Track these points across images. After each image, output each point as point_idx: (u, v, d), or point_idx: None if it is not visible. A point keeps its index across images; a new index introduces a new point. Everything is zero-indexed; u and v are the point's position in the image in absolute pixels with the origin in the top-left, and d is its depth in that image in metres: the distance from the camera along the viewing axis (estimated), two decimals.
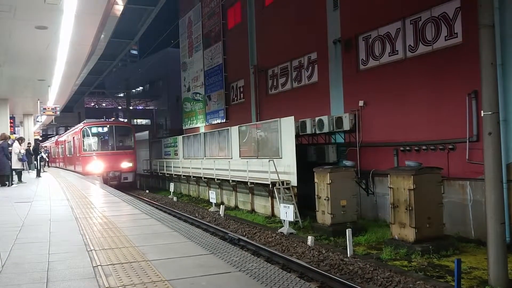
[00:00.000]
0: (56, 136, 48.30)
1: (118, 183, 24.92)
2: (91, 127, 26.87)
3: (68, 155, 33.02)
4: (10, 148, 16.40)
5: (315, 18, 17.46)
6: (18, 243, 5.81)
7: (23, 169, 18.55)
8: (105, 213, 8.28)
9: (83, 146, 26.14)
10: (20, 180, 17.38)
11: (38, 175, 22.04)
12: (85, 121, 29.74)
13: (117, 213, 8.41)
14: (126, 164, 26.22)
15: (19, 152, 16.77)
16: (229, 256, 4.68)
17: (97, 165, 25.33)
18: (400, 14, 13.51)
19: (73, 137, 29.10)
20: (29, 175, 22.15)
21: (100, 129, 26.95)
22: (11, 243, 5.75)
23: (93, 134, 26.71)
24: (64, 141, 35.54)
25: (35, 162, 23.13)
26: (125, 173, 26.29)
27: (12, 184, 16.08)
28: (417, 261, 9.38)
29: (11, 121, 26.82)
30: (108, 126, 27.31)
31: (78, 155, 26.98)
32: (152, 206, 15.16)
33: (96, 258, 4.76)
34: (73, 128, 32.77)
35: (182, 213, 16.84)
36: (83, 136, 26.20)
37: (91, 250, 5.12)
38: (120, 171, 26.08)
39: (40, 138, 46.69)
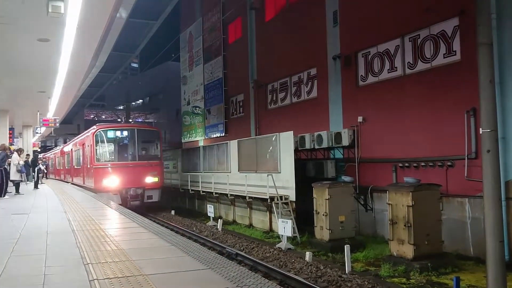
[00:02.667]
0: (61, 145, 43.13)
1: (140, 203, 20.38)
2: (107, 130, 21.03)
3: (75, 167, 27.76)
4: (9, 160, 16.38)
5: (315, 34, 17.62)
6: (14, 255, 5.76)
7: (21, 181, 18.49)
8: (102, 226, 8.23)
9: (96, 155, 20.68)
10: (17, 191, 17.31)
11: (36, 186, 21.96)
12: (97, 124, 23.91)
13: (114, 226, 8.36)
14: (151, 179, 20.82)
15: (18, 163, 16.74)
16: (227, 271, 4.64)
17: (114, 180, 19.93)
18: (399, 31, 13.64)
19: (83, 144, 23.70)
20: (27, 186, 22.07)
21: (118, 134, 21.19)
22: (7, 255, 5.70)
23: (109, 140, 21.03)
24: (71, 150, 29.86)
25: (33, 173, 23.06)
26: (149, 190, 20.81)
27: (5, 195, 15.89)
28: (415, 278, 9.32)
29: (10, 132, 26.83)
30: (128, 130, 21.63)
31: (89, 166, 21.59)
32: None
33: (92, 271, 4.72)
34: (83, 133, 26.65)
35: (180, 227, 16.74)
36: (96, 143, 20.58)
37: (88, 264, 5.08)
38: (143, 187, 20.58)
39: (39, 150, 46.60)
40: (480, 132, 7.89)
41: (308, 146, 16.12)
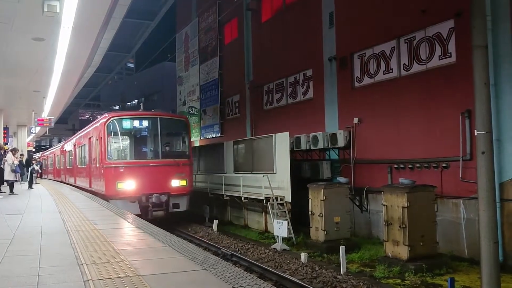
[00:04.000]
0: (61, 142, 37.14)
1: (165, 214, 15.93)
2: (121, 120, 16.40)
3: (79, 166, 23.06)
4: (5, 159, 16.30)
5: (311, 35, 17.65)
6: (8, 256, 5.73)
7: (16, 181, 18.38)
8: (97, 226, 8.19)
9: (108, 151, 16.06)
10: (11, 191, 17.21)
11: (30, 186, 21.84)
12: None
13: (109, 226, 8.33)
14: (177, 182, 16.28)
15: (12, 163, 16.64)
16: (222, 272, 4.63)
17: (131, 183, 15.51)
18: (395, 33, 13.69)
19: (90, 138, 19.01)
20: (21, 186, 21.95)
21: (136, 124, 16.63)
22: (1, 256, 5.67)
23: (125, 132, 16.65)
24: (74, 146, 24.87)
25: (27, 173, 22.93)
26: (176, 197, 16.25)
27: None
28: (410, 279, 9.34)
29: (5, 131, 26.71)
30: (149, 118, 16.92)
31: (98, 165, 17.04)
32: None
33: (87, 272, 4.69)
34: (89, 125, 21.21)
35: (175, 227, 16.70)
36: (108, 135, 16.03)
37: (82, 264, 5.06)
38: (168, 193, 16.04)
39: (34, 150, 46.37)
40: (475, 134, 7.94)
41: (303, 147, 16.14)
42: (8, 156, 16.72)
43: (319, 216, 12.36)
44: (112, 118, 16.34)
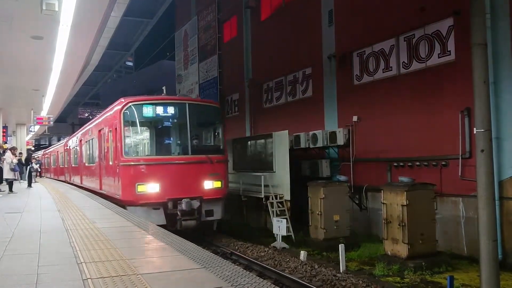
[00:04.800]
0: (65, 138, 33.48)
1: (197, 223, 12.79)
2: (142, 105, 13.22)
3: (86, 164, 19.65)
4: (3, 158, 16.29)
5: (310, 33, 17.63)
6: (7, 254, 5.72)
7: (15, 179, 18.37)
8: (96, 225, 8.18)
9: (125, 145, 12.88)
10: (11, 190, 17.20)
11: (29, 185, 21.83)
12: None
13: (108, 225, 8.32)
14: (211, 184, 13.24)
15: (11, 162, 16.63)
16: (221, 271, 4.63)
17: (154, 186, 12.54)
18: (394, 31, 13.67)
19: (101, 131, 15.82)
20: (20, 185, 21.93)
21: (159, 111, 13.28)
22: (0, 254, 5.66)
23: (145, 122, 13.72)
24: (80, 141, 21.53)
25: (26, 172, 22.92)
26: (209, 203, 13.14)
27: None
28: (409, 277, 9.35)
29: (4, 130, 26.68)
30: (176, 104, 13.57)
31: (112, 163, 13.85)
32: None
33: (86, 271, 4.69)
34: (100, 115, 17.69)
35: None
36: (125, 126, 12.93)
37: (81, 263, 5.05)
38: (201, 197, 12.91)
39: (33, 148, 46.35)
40: (474, 132, 7.94)
41: (303, 145, 16.13)
42: (7, 155, 16.71)
43: (318, 214, 12.36)
44: (129, 104, 12.98)
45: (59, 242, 6.49)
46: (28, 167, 22.75)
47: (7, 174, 16.67)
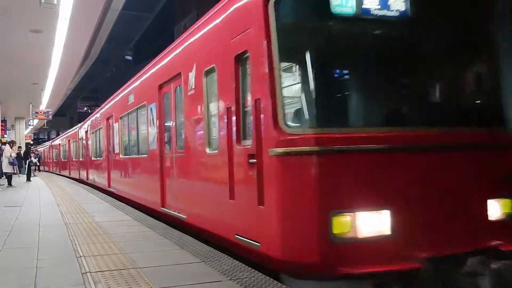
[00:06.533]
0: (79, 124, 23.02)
1: None
2: None
3: (115, 158, 12.62)
4: (1, 149, 16.30)
5: None
6: (6, 248, 5.73)
7: (14, 173, 18.39)
8: (95, 219, 8.19)
9: (282, 99, 4.00)
10: (10, 184, 17.21)
11: (28, 179, 21.85)
12: None
13: (107, 219, 8.32)
14: (500, 207, 4.30)
15: (10, 155, 16.63)
16: (220, 265, 4.64)
17: (384, 218, 3.86)
18: None
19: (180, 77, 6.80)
20: (19, 179, 21.95)
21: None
22: None
23: (341, 32, 4.40)
24: (106, 120, 14.29)
25: (25, 166, 22.93)
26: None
27: None
28: None
29: (2, 124, 26.68)
30: None
31: (232, 149, 5.00)
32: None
33: (85, 264, 4.70)
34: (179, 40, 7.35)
35: None
36: (283, 43, 3.97)
37: (80, 257, 5.06)
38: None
39: (32, 142, 46.34)
40: None
41: None
42: (5, 149, 16.70)
43: None
44: None
45: (58, 236, 6.51)
46: (28, 161, 22.76)
47: (6, 168, 16.66)
